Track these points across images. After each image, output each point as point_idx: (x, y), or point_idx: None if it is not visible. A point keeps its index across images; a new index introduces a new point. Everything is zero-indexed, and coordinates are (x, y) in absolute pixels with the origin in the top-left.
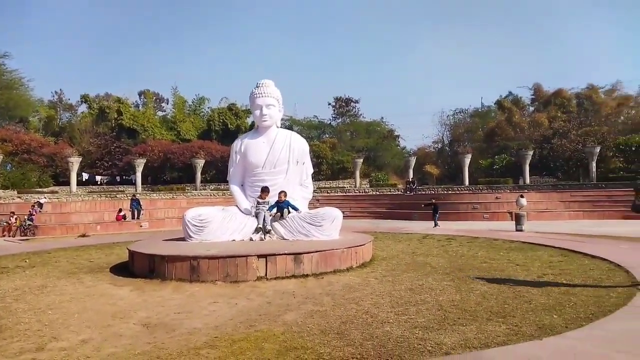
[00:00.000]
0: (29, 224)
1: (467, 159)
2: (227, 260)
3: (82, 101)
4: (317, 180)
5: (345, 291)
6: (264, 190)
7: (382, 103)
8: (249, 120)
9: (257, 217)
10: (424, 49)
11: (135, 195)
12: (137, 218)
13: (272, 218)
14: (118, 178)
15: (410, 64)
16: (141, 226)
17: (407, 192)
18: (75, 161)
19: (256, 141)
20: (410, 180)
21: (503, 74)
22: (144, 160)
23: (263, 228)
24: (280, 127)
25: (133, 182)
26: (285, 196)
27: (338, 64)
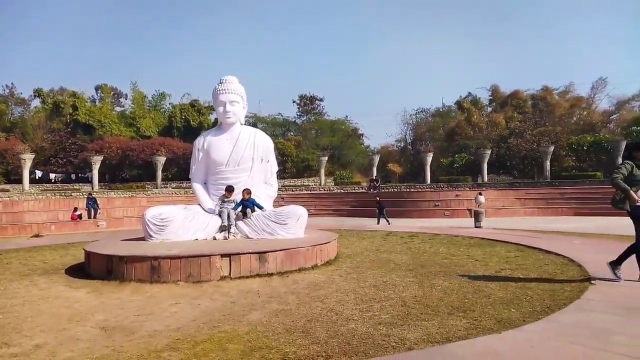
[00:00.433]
0: None
1: (429, 158)
2: (190, 260)
3: (35, 95)
4: (282, 178)
5: (310, 289)
6: (229, 189)
7: (347, 102)
8: (212, 117)
9: (221, 216)
10: (389, 49)
11: (92, 194)
12: (94, 217)
13: (237, 217)
14: (73, 176)
15: (374, 64)
16: (98, 226)
17: (371, 190)
18: (28, 158)
19: (219, 138)
20: (374, 178)
21: (464, 74)
22: (101, 157)
23: (227, 227)
24: (244, 125)
25: (89, 180)
26: (250, 194)
27: (303, 61)
